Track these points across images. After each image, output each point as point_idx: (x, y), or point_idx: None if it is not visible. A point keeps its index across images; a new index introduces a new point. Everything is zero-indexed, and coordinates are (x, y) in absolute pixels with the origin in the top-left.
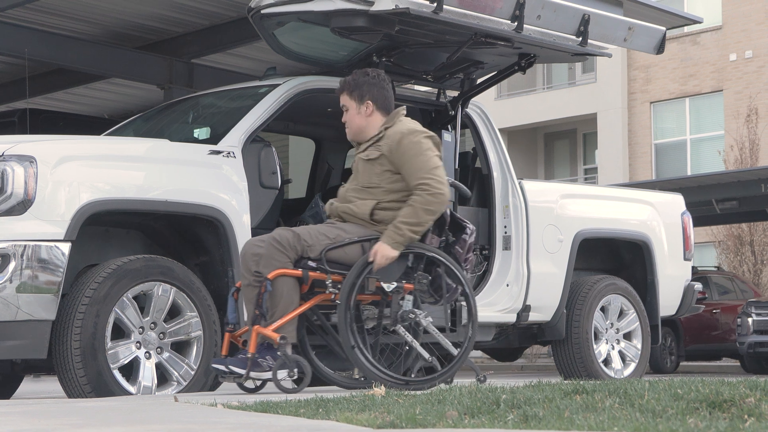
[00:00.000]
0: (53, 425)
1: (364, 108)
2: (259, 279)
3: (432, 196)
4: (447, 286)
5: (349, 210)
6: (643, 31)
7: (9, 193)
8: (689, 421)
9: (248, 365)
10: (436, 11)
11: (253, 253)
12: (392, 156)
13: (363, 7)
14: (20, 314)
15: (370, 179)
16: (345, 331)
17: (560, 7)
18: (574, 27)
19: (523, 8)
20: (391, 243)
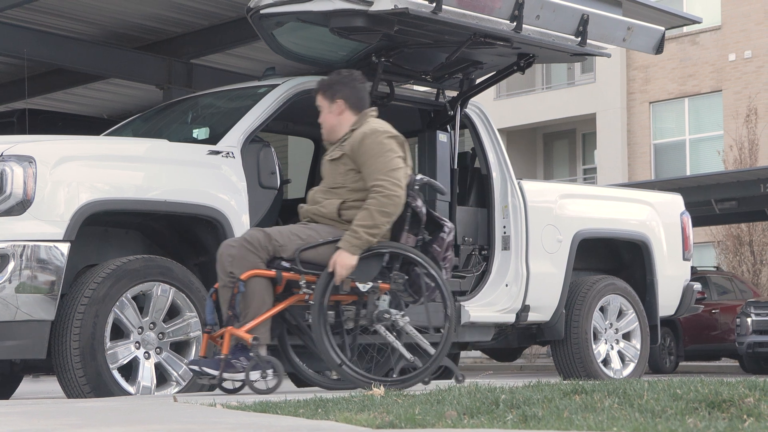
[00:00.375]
0: (52, 425)
1: (335, 107)
2: (233, 280)
3: (386, 198)
4: (425, 285)
5: (317, 211)
6: (642, 31)
7: (8, 193)
8: (688, 421)
9: (221, 366)
10: (435, 11)
11: (228, 254)
12: (354, 155)
13: (362, 7)
14: (19, 314)
15: (335, 179)
16: (319, 332)
17: (559, 7)
18: (573, 27)
19: (521, 8)
20: (348, 248)
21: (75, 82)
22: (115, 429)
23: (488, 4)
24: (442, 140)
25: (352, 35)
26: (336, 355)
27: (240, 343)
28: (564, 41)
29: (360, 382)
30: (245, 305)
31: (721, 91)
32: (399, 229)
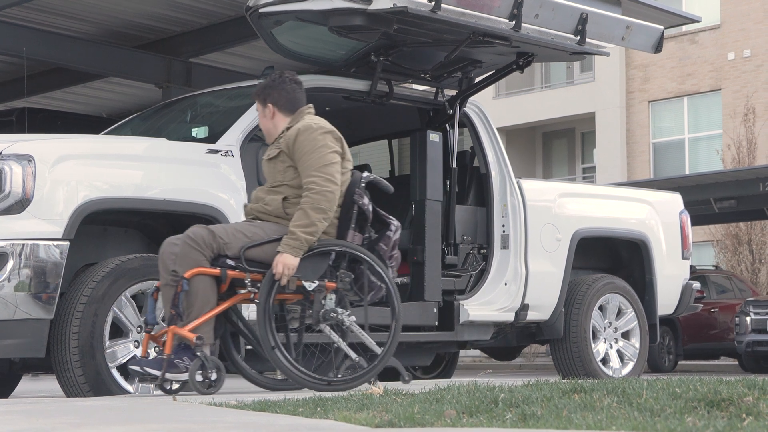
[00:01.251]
0: (52, 424)
1: (267, 111)
2: (176, 278)
3: (318, 195)
4: (371, 284)
5: (262, 208)
6: (641, 30)
7: (7, 192)
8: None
9: (164, 366)
10: (434, 10)
11: (170, 252)
12: (290, 152)
13: (361, 5)
14: (18, 313)
15: (275, 178)
16: (264, 332)
17: (558, 6)
18: (572, 26)
19: (521, 7)
20: (289, 250)
21: (74, 81)
22: (114, 428)
23: (487, 2)
24: (433, 140)
25: (350, 34)
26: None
27: (183, 343)
28: (563, 40)
29: (307, 383)
30: (189, 304)
31: (720, 90)
32: (345, 227)
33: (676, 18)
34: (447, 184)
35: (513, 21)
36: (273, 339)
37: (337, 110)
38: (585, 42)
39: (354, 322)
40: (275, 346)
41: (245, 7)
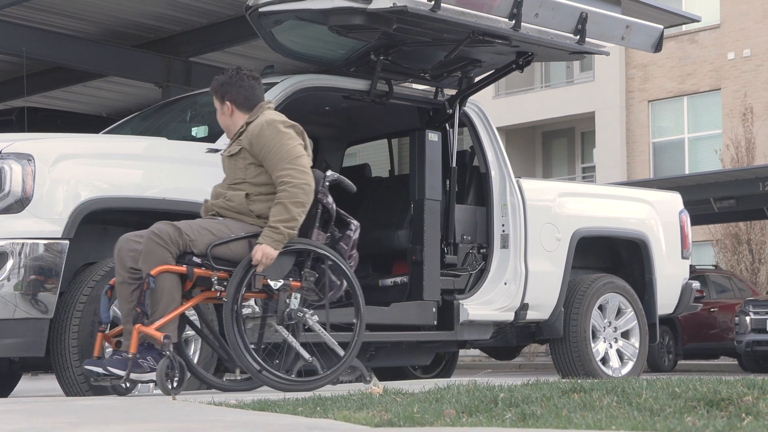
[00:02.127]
0: (51, 424)
1: (225, 108)
2: (135, 276)
3: (296, 188)
4: (331, 283)
5: (224, 204)
6: (641, 30)
7: (7, 191)
8: (687, 419)
9: (129, 366)
10: (433, 9)
11: (129, 248)
12: (253, 149)
13: (360, 5)
14: (18, 312)
15: (235, 175)
16: (231, 330)
17: (558, 5)
18: (571, 25)
19: (520, 6)
20: (271, 243)
21: (74, 80)
22: (114, 427)
23: (487, 2)
24: (432, 139)
25: (350, 33)
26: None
27: (146, 342)
28: (563, 39)
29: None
30: (154, 302)
31: (720, 89)
32: (310, 226)
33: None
34: (447, 184)
35: (513, 20)
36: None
37: (337, 110)
38: (585, 41)
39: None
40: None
41: (245, 7)
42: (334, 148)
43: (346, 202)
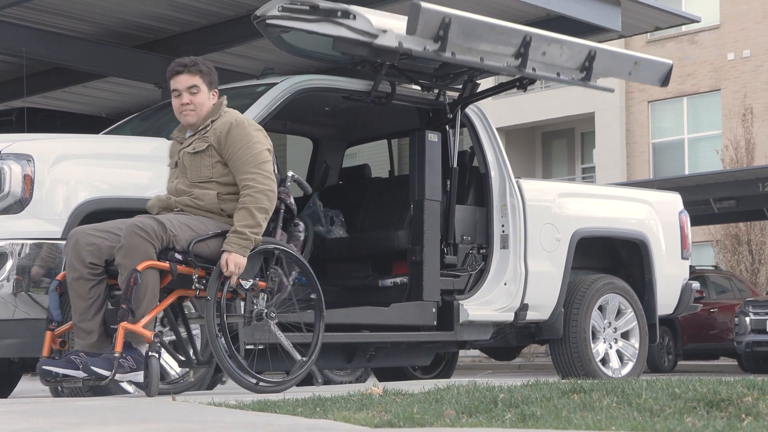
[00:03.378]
0: (51, 424)
1: (212, 95)
2: (94, 272)
3: (261, 194)
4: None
5: (192, 202)
6: (649, 65)
7: (6, 191)
8: (687, 420)
9: (115, 366)
10: (438, 52)
11: (88, 242)
12: (220, 147)
13: (366, 39)
14: (18, 313)
15: (200, 173)
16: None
17: (567, 44)
18: (579, 62)
19: (528, 47)
20: (238, 249)
21: (74, 81)
22: (113, 428)
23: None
24: (431, 140)
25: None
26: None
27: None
28: (568, 74)
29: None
30: (138, 299)
31: (720, 90)
32: (274, 226)
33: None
34: (447, 184)
35: (518, 59)
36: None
37: (336, 110)
38: (590, 78)
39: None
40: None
41: (252, 16)
42: (334, 148)
43: (346, 202)
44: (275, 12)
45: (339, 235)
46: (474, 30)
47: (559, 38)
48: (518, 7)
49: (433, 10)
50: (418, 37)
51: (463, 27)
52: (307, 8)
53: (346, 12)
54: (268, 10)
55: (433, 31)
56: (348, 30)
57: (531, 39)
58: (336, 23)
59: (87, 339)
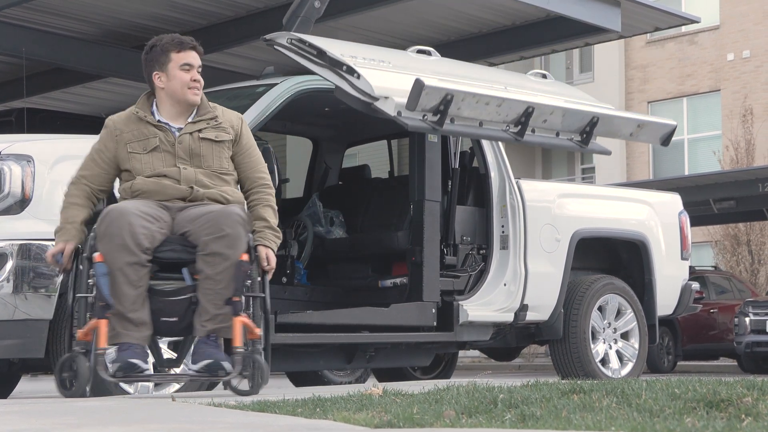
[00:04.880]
0: (50, 425)
1: None
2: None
3: (273, 192)
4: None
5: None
6: (651, 127)
7: (6, 192)
8: (686, 420)
9: (239, 363)
10: (435, 125)
11: (143, 226)
12: (237, 141)
13: (366, 99)
14: (18, 313)
15: (221, 164)
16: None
17: (570, 112)
18: (579, 127)
19: (530, 117)
20: (274, 246)
21: (73, 81)
22: (113, 428)
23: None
24: (431, 140)
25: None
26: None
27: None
28: (567, 135)
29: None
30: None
31: (720, 90)
32: None
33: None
34: (448, 185)
35: (518, 126)
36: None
37: (336, 111)
38: (588, 143)
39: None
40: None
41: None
42: (333, 149)
43: (346, 202)
44: (284, 42)
45: (339, 236)
46: (476, 103)
47: (562, 107)
48: (518, 8)
49: (437, 87)
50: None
51: (466, 101)
52: (315, 52)
53: (351, 69)
54: (278, 37)
55: (433, 105)
56: (350, 86)
57: (533, 110)
58: (340, 75)
59: (141, 331)
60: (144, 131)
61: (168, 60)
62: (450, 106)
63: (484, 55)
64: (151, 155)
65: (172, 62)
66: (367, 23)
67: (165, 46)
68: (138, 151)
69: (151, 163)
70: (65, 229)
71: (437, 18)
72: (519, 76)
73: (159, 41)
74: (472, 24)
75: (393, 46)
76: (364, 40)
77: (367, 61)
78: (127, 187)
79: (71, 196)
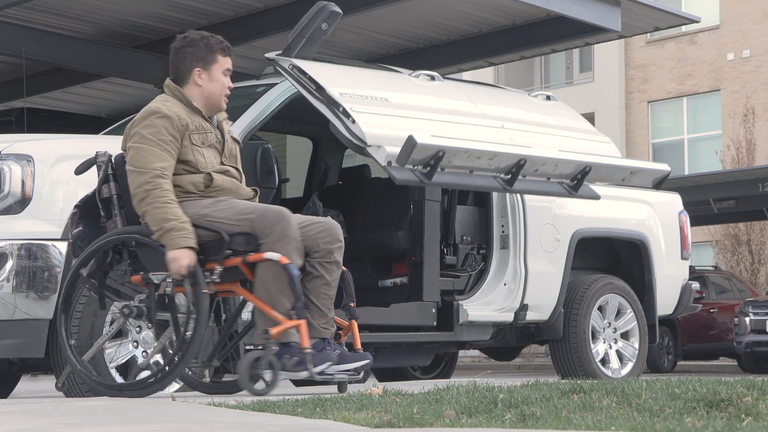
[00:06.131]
0: (50, 424)
1: None
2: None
3: None
4: None
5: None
6: (644, 173)
7: (6, 192)
8: (686, 420)
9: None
10: (424, 178)
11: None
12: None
13: (359, 143)
14: (18, 313)
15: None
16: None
17: (562, 162)
18: (571, 173)
19: (521, 168)
20: None
21: (73, 81)
22: (113, 428)
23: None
24: None
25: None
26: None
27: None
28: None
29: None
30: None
31: (720, 90)
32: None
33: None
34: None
35: (509, 175)
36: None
37: None
38: (578, 189)
39: None
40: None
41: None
42: (333, 148)
43: (346, 202)
44: (286, 66)
45: None
46: (468, 157)
47: (555, 158)
48: (518, 7)
49: (429, 145)
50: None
51: (458, 155)
52: (314, 86)
53: (347, 112)
54: (280, 61)
55: (424, 158)
56: (344, 127)
57: (526, 162)
58: (335, 114)
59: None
60: (203, 124)
61: (214, 60)
62: (441, 161)
63: (484, 54)
64: (209, 150)
65: (217, 64)
66: (367, 23)
67: (213, 46)
68: (199, 144)
69: (211, 158)
70: (186, 231)
71: (437, 18)
72: (522, 101)
73: (205, 38)
74: (472, 24)
75: (393, 46)
76: (364, 39)
77: (365, 100)
78: (198, 182)
79: (167, 191)
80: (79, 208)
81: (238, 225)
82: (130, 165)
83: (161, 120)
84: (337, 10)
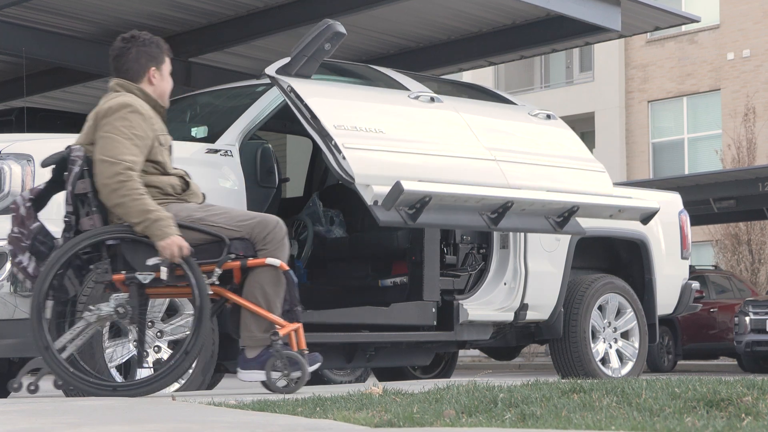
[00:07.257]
0: (50, 424)
1: None
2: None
3: None
4: None
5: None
6: (632, 210)
7: (6, 191)
8: (687, 419)
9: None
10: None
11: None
12: None
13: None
14: (18, 313)
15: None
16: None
17: (549, 203)
18: (558, 211)
19: (508, 209)
20: None
21: (73, 81)
22: (113, 428)
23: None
24: None
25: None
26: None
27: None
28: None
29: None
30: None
31: (720, 90)
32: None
33: (676, 18)
34: None
35: (495, 215)
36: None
37: None
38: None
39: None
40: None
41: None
42: None
43: (346, 202)
44: (284, 87)
45: (339, 235)
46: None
47: (542, 200)
48: (518, 7)
49: (416, 192)
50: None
51: (445, 200)
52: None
53: (338, 147)
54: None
55: (410, 202)
56: (335, 161)
57: (513, 204)
58: (327, 146)
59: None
60: (162, 126)
61: (164, 61)
62: (427, 205)
63: (484, 54)
64: (166, 152)
65: (165, 64)
66: (367, 23)
67: (162, 47)
68: (163, 145)
69: (167, 160)
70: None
71: (437, 17)
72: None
73: (153, 38)
74: (473, 23)
75: (393, 45)
76: (364, 39)
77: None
78: (176, 184)
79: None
80: (33, 202)
81: (237, 231)
82: (100, 154)
83: (134, 115)
84: (342, 30)
